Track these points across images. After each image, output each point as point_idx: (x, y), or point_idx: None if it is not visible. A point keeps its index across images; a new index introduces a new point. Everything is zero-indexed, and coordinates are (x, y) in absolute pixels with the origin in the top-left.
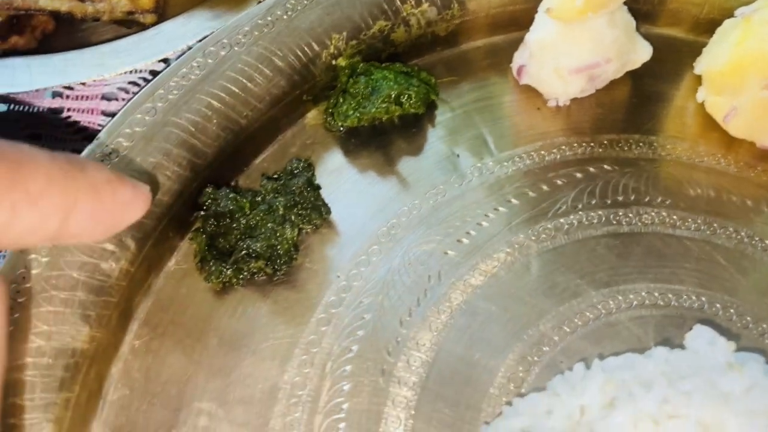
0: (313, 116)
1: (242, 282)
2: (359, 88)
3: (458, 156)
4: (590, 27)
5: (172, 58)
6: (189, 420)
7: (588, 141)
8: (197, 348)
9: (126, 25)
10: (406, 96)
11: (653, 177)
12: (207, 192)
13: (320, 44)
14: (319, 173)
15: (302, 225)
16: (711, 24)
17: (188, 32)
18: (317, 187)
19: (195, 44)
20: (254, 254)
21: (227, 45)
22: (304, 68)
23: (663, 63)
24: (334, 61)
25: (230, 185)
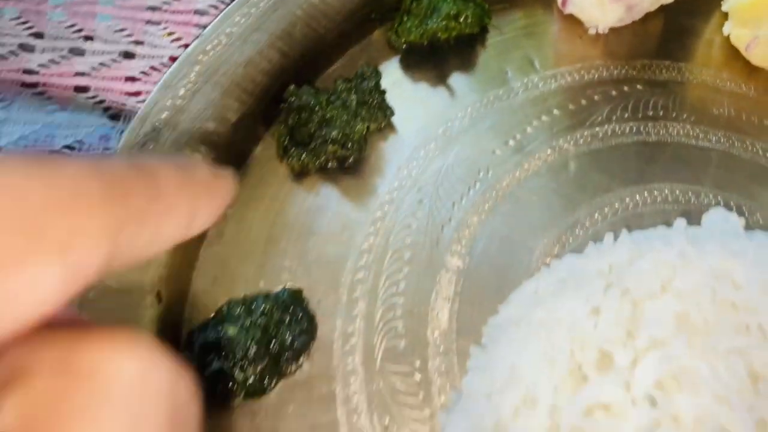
0: (379, 33)
1: (317, 167)
2: (422, 8)
3: (507, 73)
4: None
5: None
6: (273, 275)
7: (623, 64)
8: (278, 219)
9: None
10: (464, 16)
11: (680, 97)
12: (290, 89)
13: None
14: (383, 83)
15: (370, 122)
16: None
17: None
18: (383, 91)
19: None
20: (330, 140)
21: None
22: None
23: (694, 0)
24: None
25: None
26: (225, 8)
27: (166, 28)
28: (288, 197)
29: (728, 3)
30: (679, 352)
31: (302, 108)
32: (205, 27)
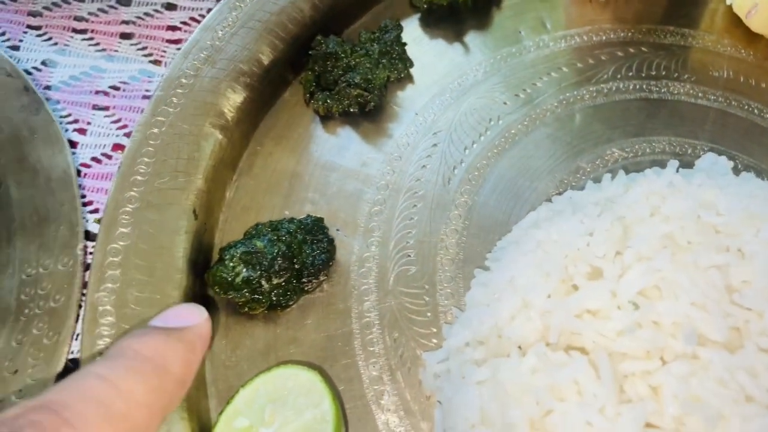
0: None
1: (340, 111)
2: None
3: (520, 33)
4: None
5: None
6: (297, 205)
7: (629, 28)
8: (303, 156)
9: None
10: None
11: (682, 59)
12: (317, 39)
13: None
14: (404, 38)
15: (390, 71)
16: None
17: None
18: (404, 44)
19: None
20: (353, 85)
21: None
22: None
23: None
24: None
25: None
26: None
27: None
28: (313, 137)
29: None
30: (663, 266)
31: (328, 56)
32: None
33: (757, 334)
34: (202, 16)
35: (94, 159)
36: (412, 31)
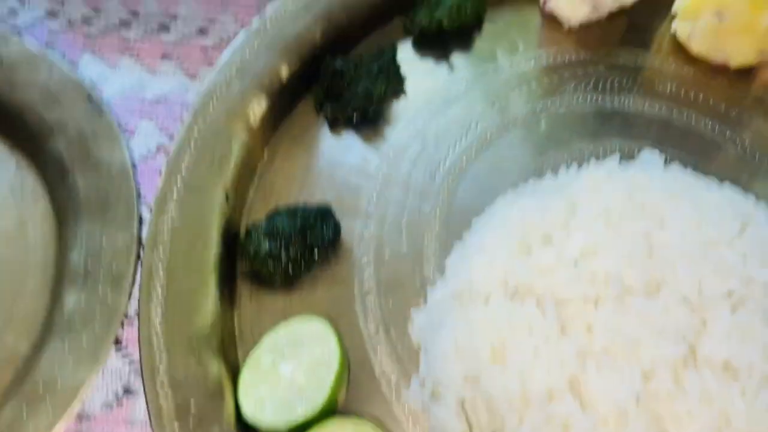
0: (397, 21)
1: (345, 118)
2: (431, 2)
3: (497, 54)
4: None
5: None
6: (309, 194)
7: (589, 50)
8: (314, 154)
9: None
10: (464, 9)
11: (633, 77)
12: (327, 59)
13: None
14: (398, 58)
15: (386, 86)
16: None
17: None
18: (398, 64)
19: None
20: (356, 96)
21: None
22: None
23: (649, 3)
24: None
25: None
26: None
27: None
28: (322, 139)
29: (677, 4)
30: (599, 231)
31: (335, 73)
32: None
33: (671, 284)
34: (230, 39)
35: (142, 156)
36: (406, 52)
